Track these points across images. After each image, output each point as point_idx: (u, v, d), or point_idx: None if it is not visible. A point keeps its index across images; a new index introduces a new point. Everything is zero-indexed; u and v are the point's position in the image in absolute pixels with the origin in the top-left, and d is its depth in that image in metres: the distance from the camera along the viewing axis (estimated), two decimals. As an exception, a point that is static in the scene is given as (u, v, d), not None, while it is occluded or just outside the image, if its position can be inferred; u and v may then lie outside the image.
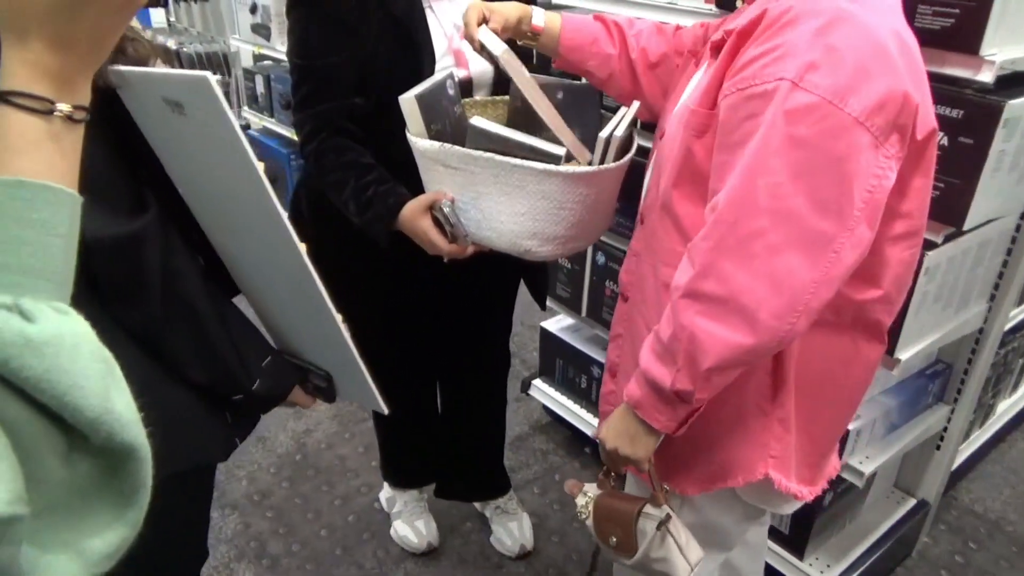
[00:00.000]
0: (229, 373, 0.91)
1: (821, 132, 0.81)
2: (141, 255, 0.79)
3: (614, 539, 1.09)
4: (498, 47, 1.11)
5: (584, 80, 1.35)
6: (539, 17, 1.25)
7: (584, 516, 1.13)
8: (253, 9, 3.31)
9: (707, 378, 0.90)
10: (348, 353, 0.98)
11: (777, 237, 0.83)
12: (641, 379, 0.97)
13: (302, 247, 0.85)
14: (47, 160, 0.49)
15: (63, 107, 0.50)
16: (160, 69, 0.76)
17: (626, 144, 1.20)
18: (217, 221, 0.94)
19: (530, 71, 1.21)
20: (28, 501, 0.43)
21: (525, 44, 1.27)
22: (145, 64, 0.81)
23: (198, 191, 0.91)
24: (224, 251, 0.98)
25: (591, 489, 1.15)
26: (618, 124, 1.15)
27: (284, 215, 0.82)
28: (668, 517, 1.05)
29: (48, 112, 0.50)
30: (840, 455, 1.53)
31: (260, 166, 0.79)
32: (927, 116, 0.88)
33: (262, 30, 3.28)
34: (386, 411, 1.10)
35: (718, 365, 0.88)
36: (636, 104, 1.22)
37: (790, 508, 1.17)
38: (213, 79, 0.71)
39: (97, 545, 0.46)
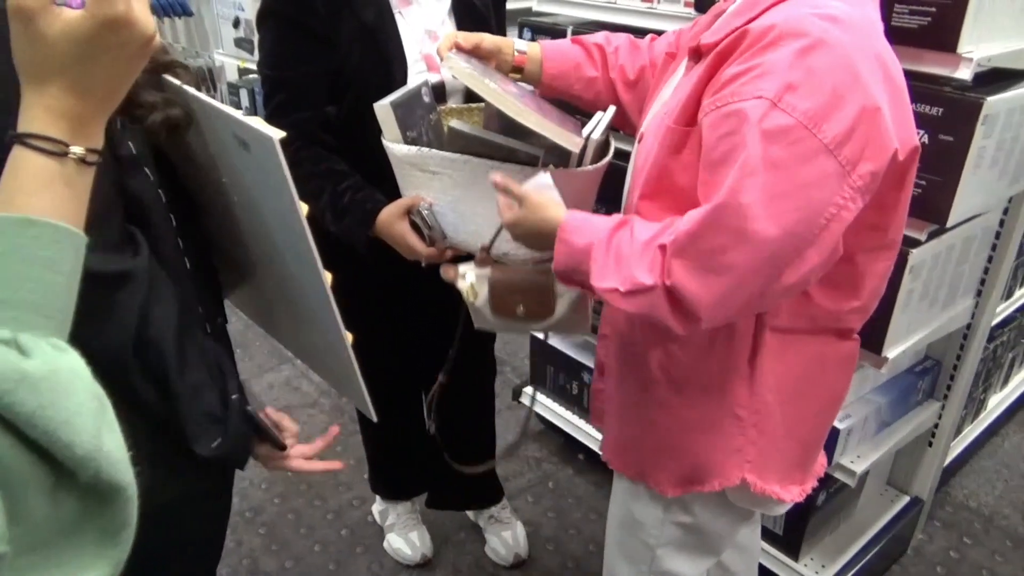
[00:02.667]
0: (187, 437, 0.86)
1: (794, 155, 0.81)
2: (125, 293, 0.79)
3: (522, 308, 1.11)
4: (461, 69, 1.10)
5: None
6: (522, 47, 1.24)
7: (471, 298, 1.12)
8: (236, 23, 3.31)
9: (615, 299, 0.92)
10: (350, 370, 1.03)
11: (736, 257, 0.84)
12: (580, 258, 0.95)
13: (327, 279, 0.90)
14: (57, 200, 0.51)
15: (77, 150, 0.53)
16: (237, 114, 0.81)
17: (603, 148, 1.20)
18: (251, 243, 0.99)
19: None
20: (11, 539, 0.42)
21: (509, 77, 1.26)
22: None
23: (246, 213, 0.96)
24: (260, 254, 1.02)
25: (469, 269, 1.14)
26: (595, 127, 1.15)
27: (316, 254, 0.87)
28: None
29: (62, 154, 0.52)
30: (832, 454, 1.54)
31: (304, 210, 0.84)
32: (908, 135, 0.88)
33: (245, 44, 3.28)
34: (375, 419, 1.12)
35: (637, 313, 0.91)
36: (612, 108, 1.22)
37: (781, 509, 1.18)
38: (277, 141, 0.77)
39: None
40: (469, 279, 1.12)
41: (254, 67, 3.30)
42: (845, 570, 1.73)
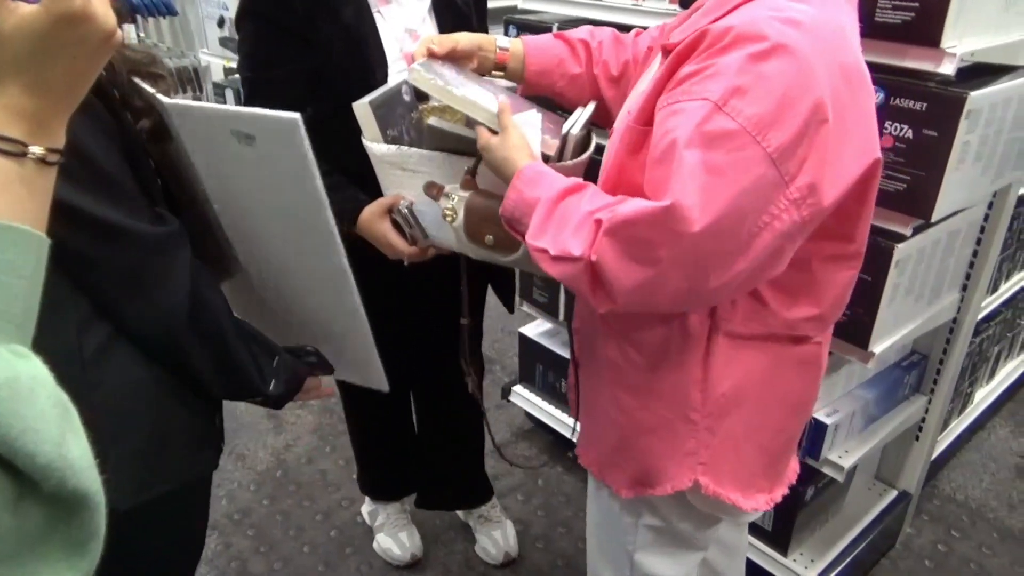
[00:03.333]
0: (250, 386, 0.96)
1: (734, 161, 0.79)
2: (175, 256, 0.84)
3: (491, 238, 1.10)
4: (424, 79, 1.09)
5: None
6: (504, 44, 1.22)
7: (451, 219, 1.11)
8: (221, 23, 3.29)
9: (543, 260, 0.92)
10: (366, 340, 1.07)
11: (663, 253, 0.83)
12: (525, 210, 0.95)
13: (344, 255, 0.95)
14: (16, 202, 0.50)
15: (36, 150, 0.51)
16: (239, 108, 0.84)
17: (584, 143, 1.19)
18: (251, 231, 1.00)
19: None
20: None
21: (493, 76, 1.24)
22: (166, 95, 0.88)
23: (239, 207, 0.97)
24: (241, 252, 1.04)
25: (455, 191, 1.12)
26: (575, 123, 1.14)
27: (336, 231, 0.91)
28: None
29: (21, 155, 0.50)
30: (819, 449, 1.54)
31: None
32: (868, 149, 0.87)
33: (231, 43, 3.26)
34: (387, 389, 1.18)
35: (561, 279, 0.91)
36: (593, 104, 1.21)
37: (748, 518, 1.18)
38: (301, 122, 0.81)
39: None
40: (452, 200, 1.12)
41: (240, 66, 3.28)
42: (834, 565, 1.73)
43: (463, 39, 1.19)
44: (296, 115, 0.80)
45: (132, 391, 0.87)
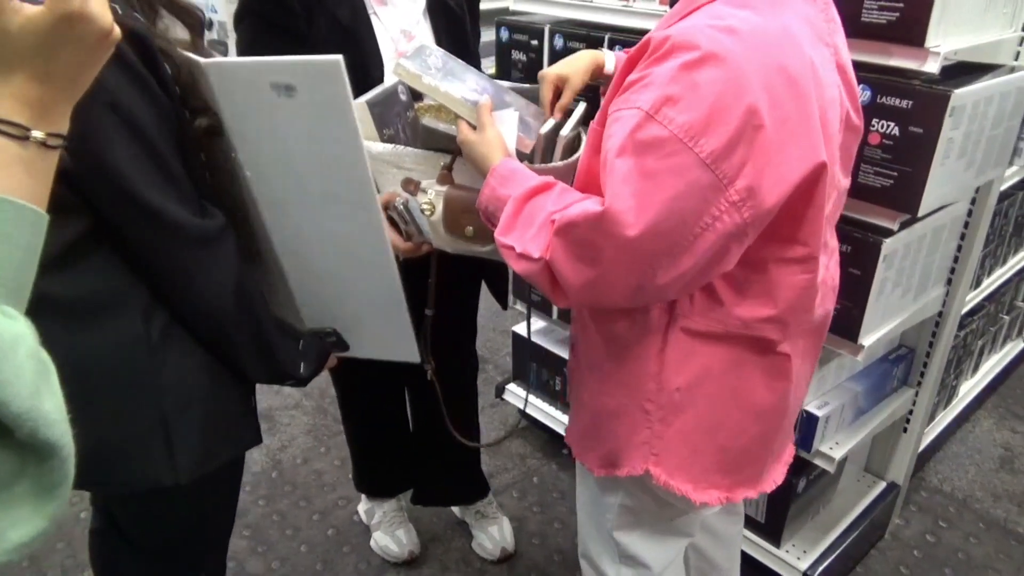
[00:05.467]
0: (284, 370, 1.04)
1: (668, 167, 0.82)
2: (225, 247, 0.91)
3: (471, 229, 1.13)
4: (410, 73, 1.12)
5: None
6: (611, 63, 1.23)
7: (428, 212, 1.14)
8: (209, 25, 3.29)
9: (509, 256, 0.96)
10: (400, 308, 1.11)
11: (605, 255, 0.87)
12: (497, 205, 1.00)
13: (380, 209, 0.98)
14: (17, 179, 0.55)
15: (38, 134, 0.56)
16: (278, 57, 0.88)
17: (574, 144, 1.21)
18: (284, 195, 1.02)
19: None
20: None
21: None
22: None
23: (275, 168, 0.99)
24: (274, 226, 1.06)
25: (431, 185, 1.15)
26: (564, 123, 1.17)
27: (372, 182, 0.93)
28: None
29: (23, 138, 0.56)
30: (811, 442, 1.57)
31: (365, 143, 0.92)
32: (810, 152, 0.87)
33: (219, 46, 3.26)
34: (419, 360, 1.22)
35: (523, 275, 0.95)
36: (583, 105, 1.23)
37: (706, 511, 1.21)
38: (343, 63, 0.82)
39: (13, 536, 0.49)
40: (429, 195, 1.14)
41: (228, 69, 3.28)
42: (825, 555, 1.76)
43: (579, 75, 1.18)
44: (338, 56, 0.82)
45: (195, 369, 0.94)
